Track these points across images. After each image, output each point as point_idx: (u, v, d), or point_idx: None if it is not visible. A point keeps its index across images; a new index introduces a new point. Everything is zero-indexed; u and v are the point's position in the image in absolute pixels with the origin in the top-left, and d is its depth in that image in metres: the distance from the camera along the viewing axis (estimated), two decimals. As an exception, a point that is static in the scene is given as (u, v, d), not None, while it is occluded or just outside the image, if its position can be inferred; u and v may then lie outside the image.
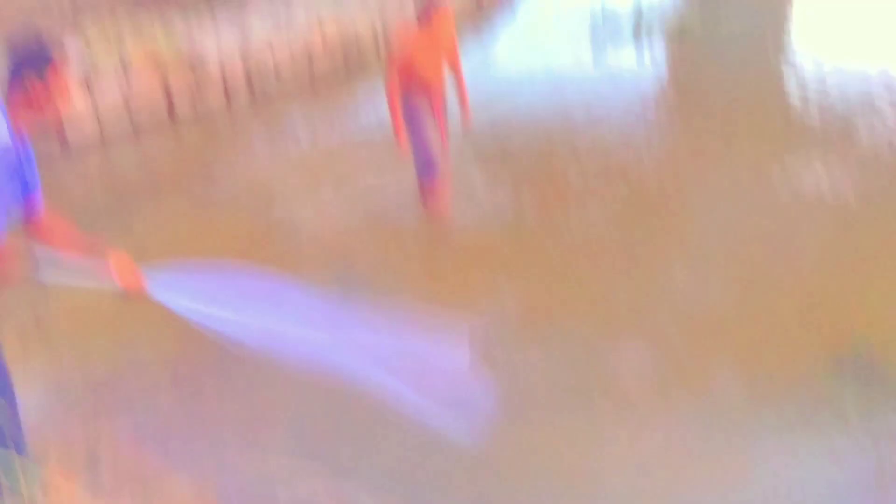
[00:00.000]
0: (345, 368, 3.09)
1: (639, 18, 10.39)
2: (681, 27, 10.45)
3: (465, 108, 5.81)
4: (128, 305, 3.10)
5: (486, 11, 11.92)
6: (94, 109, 7.98)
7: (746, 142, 6.92)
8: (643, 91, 8.39)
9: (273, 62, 9.18)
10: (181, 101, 8.58)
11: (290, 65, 9.32)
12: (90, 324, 4.72)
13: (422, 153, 5.66)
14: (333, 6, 10.51)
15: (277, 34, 9.73)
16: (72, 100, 2.99)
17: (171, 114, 8.54)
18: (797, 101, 7.75)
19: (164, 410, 4.01)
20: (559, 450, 3.65)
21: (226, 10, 10.10)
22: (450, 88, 5.77)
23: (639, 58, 9.73)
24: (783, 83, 8.45)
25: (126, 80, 8.25)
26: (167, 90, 8.48)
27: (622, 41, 10.16)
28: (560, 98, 8.23)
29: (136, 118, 8.29)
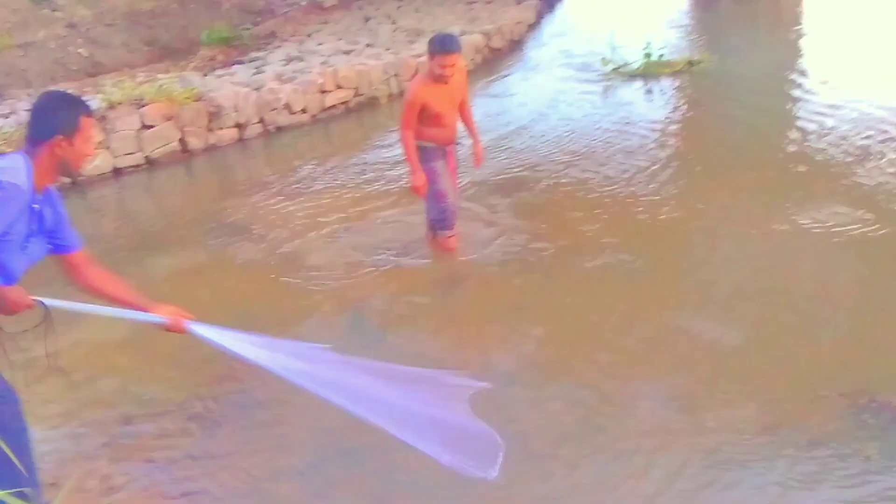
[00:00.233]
0: (357, 411, 3.09)
1: (648, 53, 10.44)
2: (689, 60, 10.48)
3: (477, 148, 5.82)
4: (141, 346, 3.11)
5: (497, 53, 12.04)
6: (108, 143, 8.05)
7: (757, 179, 6.89)
8: (653, 127, 8.40)
9: (285, 99, 9.26)
10: (194, 136, 8.65)
11: (302, 100, 9.40)
12: (103, 362, 4.74)
13: (437, 203, 5.66)
14: (346, 54, 10.64)
15: (291, 74, 9.84)
16: (95, 154, 3.05)
17: (184, 148, 8.61)
18: (810, 135, 7.73)
19: (177, 450, 4.00)
20: (571, 493, 3.62)
21: (244, 69, 10.26)
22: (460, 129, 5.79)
23: (647, 92, 9.78)
24: (794, 116, 8.44)
25: (139, 115, 8.33)
26: (180, 124, 8.56)
27: (631, 77, 10.21)
28: (570, 136, 8.28)
29: (149, 152, 8.36)
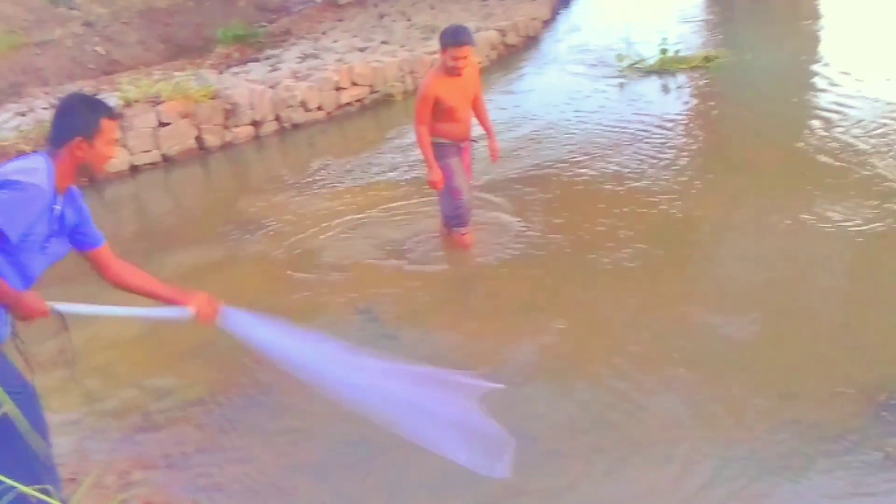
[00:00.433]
0: (372, 407, 3.10)
1: (664, 48, 10.39)
2: (706, 56, 10.43)
3: (493, 144, 5.81)
4: (158, 341, 3.13)
5: (512, 49, 12.02)
6: (125, 141, 8.09)
7: (774, 174, 6.85)
8: (669, 123, 8.36)
9: (301, 96, 9.28)
10: (210, 134, 8.69)
11: (318, 98, 9.41)
12: (120, 358, 4.77)
13: (452, 199, 5.66)
14: (361, 51, 10.65)
15: (306, 72, 9.86)
16: (116, 155, 3.07)
17: (201, 145, 8.65)
18: (827, 130, 7.67)
19: (194, 446, 4.02)
20: (585, 490, 3.61)
21: (260, 66, 10.29)
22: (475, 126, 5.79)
23: (663, 88, 9.74)
24: (811, 110, 8.37)
25: (156, 112, 8.37)
26: (196, 122, 8.60)
27: (646, 73, 10.17)
28: (585, 132, 8.25)
29: (166, 150, 8.40)
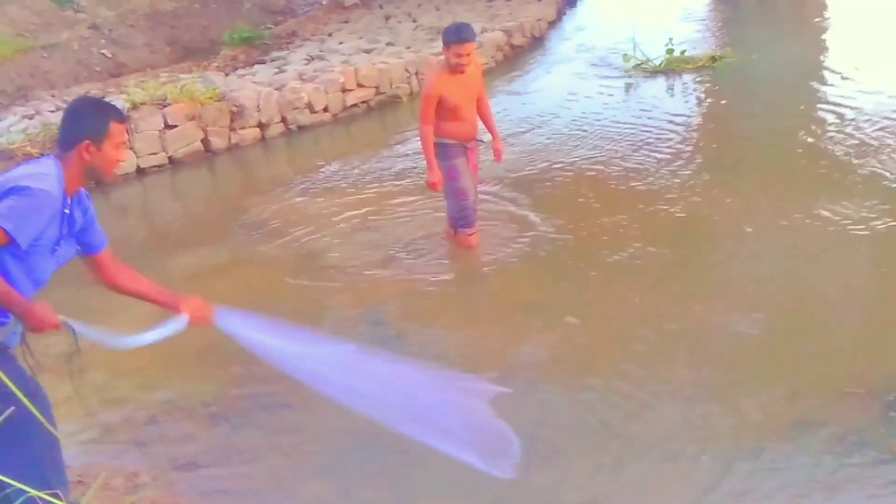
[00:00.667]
0: (375, 409, 3.11)
1: (670, 48, 10.38)
2: (712, 56, 10.41)
3: (497, 144, 5.81)
4: (166, 344, 3.13)
5: (518, 50, 12.02)
6: (132, 143, 8.10)
7: (781, 173, 6.84)
8: (675, 123, 8.34)
9: (307, 98, 9.29)
10: (216, 136, 8.70)
11: (324, 99, 9.42)
12: (128, 360, 4.77)
13: (458, 200, 5.65)
14: (366, 53, 10.66)
15: (312, 73, 9.87)
16: (125, 158, 3.07)
17: (207, 147, 8.66)
18: (834, 128, 7.65)
19: (202, 449, 4.02)
20: (591, 491, 3.61)
21: (266, 68, 10.30)
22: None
23: (670, 88, 9.72)
24: (818, 109, 8.35)
25: (162, 115, 8.39)
26: (202, 124, 8.61)
27: (653, 73, 10.15)
28: (592, 132, 8.24)
29: (172, 152, 8.42)
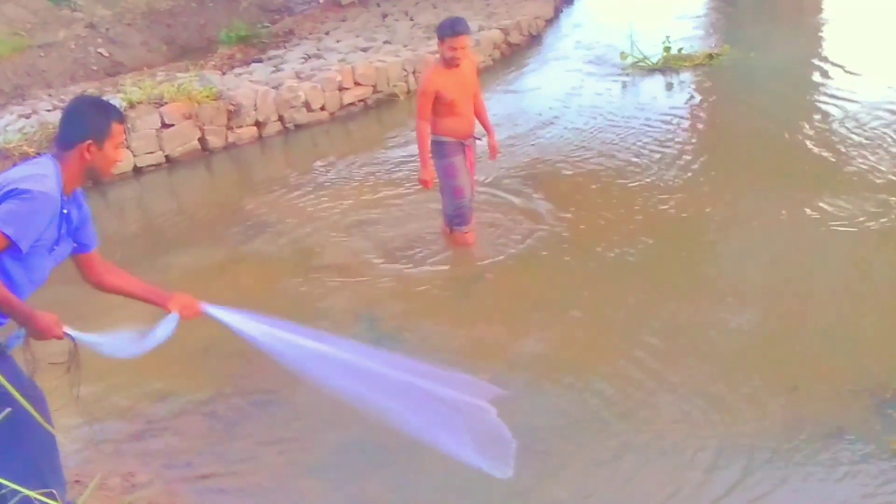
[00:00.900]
0: (373, 401, 3.10)
1: (667, 46, 10.38)
2: (709, 53, 10.41)
3: (492, 141, 5.82)
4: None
5: (515, 48, 12.01)
6: (128, 143, 8.09)
7: (779, 170, 6.85)
8: (672, 121, 8.35)
9: (304, 97, 9.28)
10: (213, 135, 8.69)
11: (321, 98, 9.42)
12: (123, 363, 4.76)
13: (454, 199, 5.66)
14: (364, 51, 10.65)
15: (309, 72, 9.86)
16: (123, 158, 3.07)
17: (204, 146, 8.65)
18: (831, 126, 7.66)
19: (200, 448, 4.03)
20: (590, 490, 3.62)
21: (263, 67, 10.29)
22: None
23: (667, 86, 9.72)
24: (816, 108, 8.35)
25: (159, 114, 8.38)
26: (199, 123, 8.60)
27: (650, 71, 10.15)
28: (589, 131, 8.24)
29: (169, 151, 8.41)
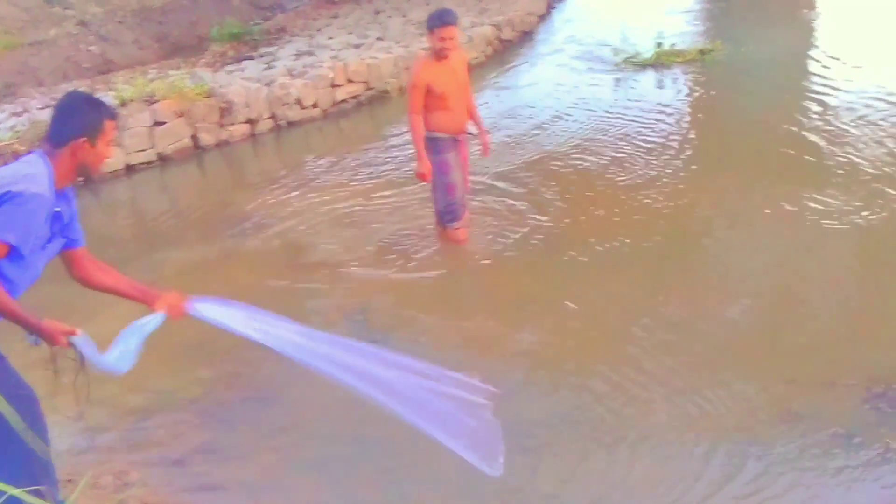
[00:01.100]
0: (366, 391, 3.09)
1: (660, 42, 10.38)
2: (701, 49, 10.42)
3: (484, 138, 5.82)
4: (155, 341, 3.12)
5: (508, 44, 12.00)
6: (120, 140, 8.07)
7: (771, 165, 6.87)
8: (664, 117, 8.36)
9: (296, 94, 9.26)
10: (205, 132, 8.67)
11: (313, 95, 9.40)
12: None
13: (446, 195, 5.65)
14: (356, 48, 10.63)
15: (301, 69, 9.84)
16: (113, 155, 3.06)
17: (196, 144, 8.63)
18: (823, 122, 7.68)
19: (192, 445, 4.02)
20: (582, 486, 3.62)
21: (255, 64, 10.26)
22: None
23: (659, 82, 9.73)
24: (807, 103, 8.37)
25: (151, 111, 8.35)
26: (191, 121, 8.58)
27: (642, 66, 10.16)
28: (581, 127, 8.24)
29: (161, 148, 8.38)
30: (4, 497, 1.86)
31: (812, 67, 9.59)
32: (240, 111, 8.86)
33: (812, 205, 5.95)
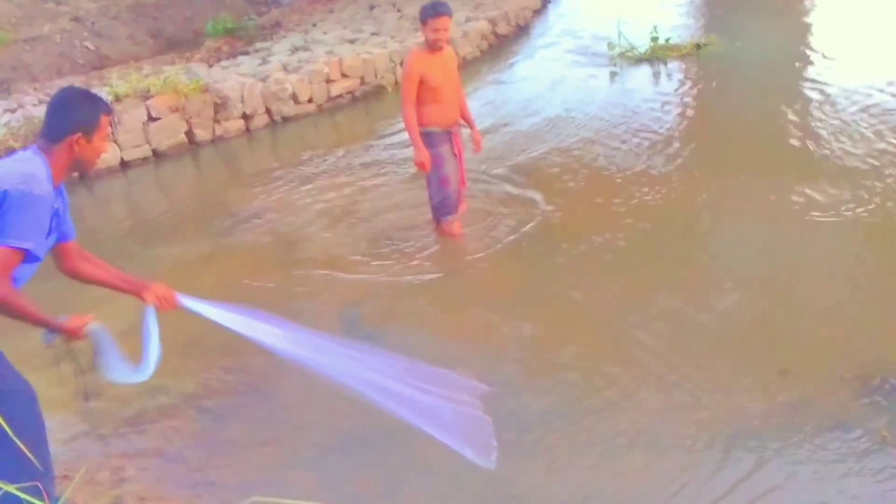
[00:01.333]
0: (359, 388, 3.10)
1: (655, 36, 10.38)
2: (697, 43, 10.42)
3: (476, 134, 5.82)
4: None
5: (503, 39, 11.98)
6: (115, 136, 8.05)
7: (767, 158, 6.87)
8: (659, 111, 8.35)
9: (291, 89, 9.24)
10: (200, 128, 8.65)
11: (308, 90, 9.38)
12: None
13: (441, 188, 5.65)
14: (351, 43, 10.61)
15: (296, 64, 9.82)
16: (108, 150, 3.08)
17: (191, 140, 8.61)
18: (818, 116, 7.69)
19: (188, 441, 4.02)
20: (576, 481, 3.62)
21: (250, 59, 10.23)
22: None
23: (654, 76, 9.73)
24: (802, 97, 8.38)
25: (146, 107, 8.33)
26: (186, 116, 8.56)
27: (638, 61, 10.15)
28: (576, 122, 8.23)
29: (156, 144, 8.37)
30: (0, 493, 1.86)
31: (807, 61, 9.59)
32: (235, 106, 8.84)
33: (807, 197, 5.96)
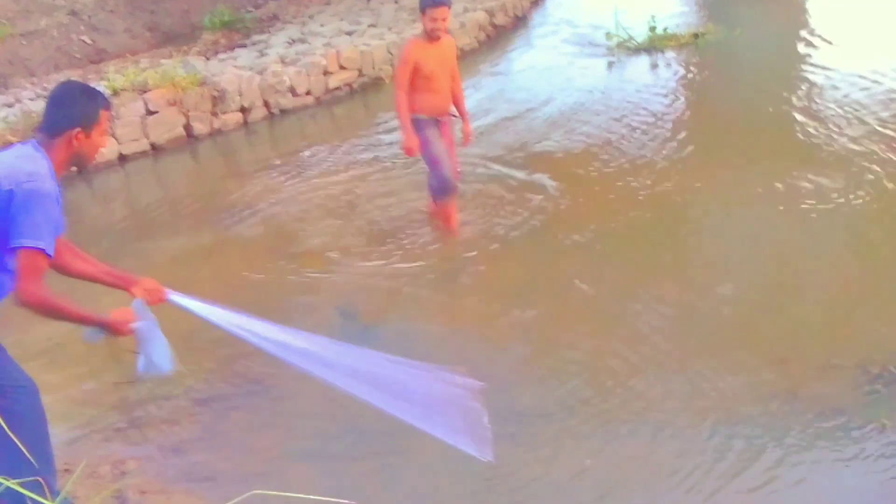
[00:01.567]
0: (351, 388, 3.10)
1: (653, 26, 10.35)
2: (695, 33, 10.40)
3: (466, 127, 5.81)
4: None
5: (501, 30, 11.95)
6: (113, 130, 8.03)
7: (765, 147, 6.87)
8: (657, 101, 8.35)
9: (289, 82, 9.22)
10: (198, 121, 8.63)
11: (306, 83, 9.36)
12: (111, 346, 4.74)
13: (433, 168, 5.63)
14: (348, 35, 10.58)
15: (294, 57, 9.79)
16: (107, 144, 3.08)
17: (189, 133, 8.59)
18: (815, 105, 7.69)
19: (188, 434, 4.02)
20: (574, 471, 3.62)
21: (247, 52, 10.20)
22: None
23: (652, 66, 9.71)
24: (799, 86, 8.38)
25: (143, 101, 8.31)
26: (184, 109, 8.54)
27: (636, 50, 10.13)
28: (575, 112, 8.22)
29: (154, 138, 8.35)
30: (2, 488, 1.85)
31: (805, 50, 9.58)
32: (233, 99, 8.82)
33: (806, 185, 5.96)
